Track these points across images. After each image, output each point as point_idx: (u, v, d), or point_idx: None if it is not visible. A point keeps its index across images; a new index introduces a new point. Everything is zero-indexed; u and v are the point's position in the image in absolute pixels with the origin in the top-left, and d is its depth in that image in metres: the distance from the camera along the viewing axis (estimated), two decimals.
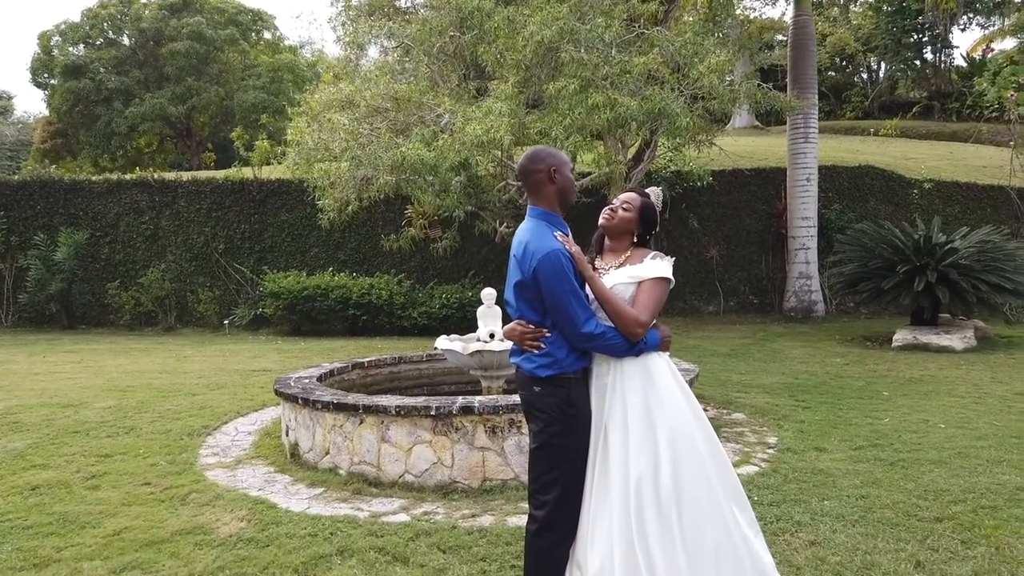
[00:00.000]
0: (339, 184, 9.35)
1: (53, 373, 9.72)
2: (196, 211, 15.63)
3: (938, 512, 4.33)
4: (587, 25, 8.25)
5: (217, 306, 15.29)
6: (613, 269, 3.16)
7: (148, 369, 10.05)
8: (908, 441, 5.84)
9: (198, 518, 4.40)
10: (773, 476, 5.02)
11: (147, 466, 5.47)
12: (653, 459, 3.00)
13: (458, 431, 4.86)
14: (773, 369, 9.38)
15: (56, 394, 8.13)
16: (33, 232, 15.46)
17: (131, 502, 4.70)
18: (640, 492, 2.99)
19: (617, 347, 3.07)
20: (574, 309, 3.02)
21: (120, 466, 5.47)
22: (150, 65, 30.34)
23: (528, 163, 3.14)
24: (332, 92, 9.49)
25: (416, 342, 11.93)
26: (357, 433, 5.07)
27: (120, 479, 5.17)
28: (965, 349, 10.27)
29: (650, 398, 3.08)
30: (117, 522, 4.35)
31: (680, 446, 3.02)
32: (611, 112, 7.79)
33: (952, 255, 10.61)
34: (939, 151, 20.91)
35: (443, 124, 8.78)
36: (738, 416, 6.87)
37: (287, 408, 5.69)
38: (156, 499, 4.75)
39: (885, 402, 7.34)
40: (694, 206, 14.81)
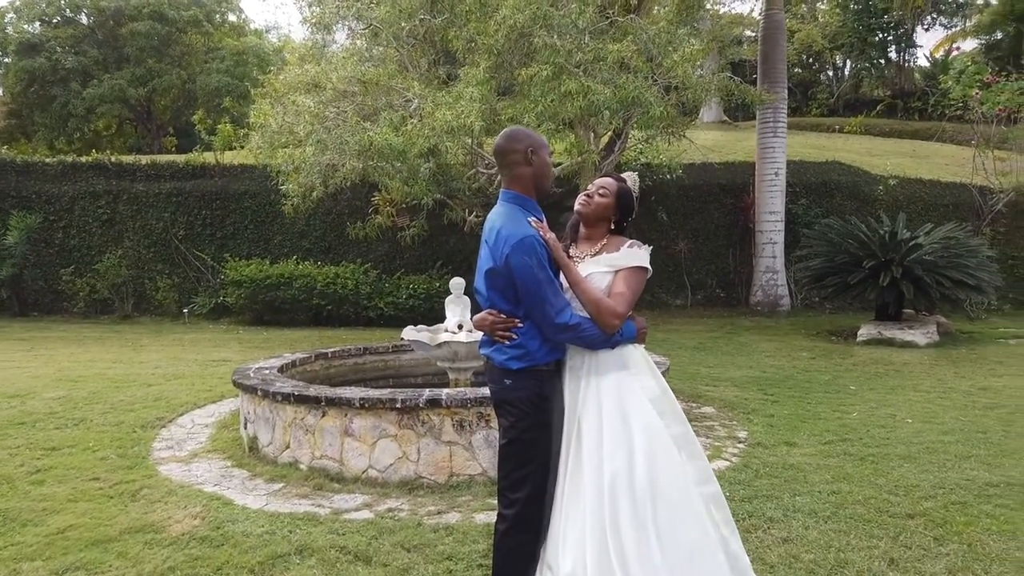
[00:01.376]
0: (303, 169, 9.09)
1: (0, 362, 9.33)
2: (155, 196, 15.16)
3: (909, 508, 4.30)
4: (561, 11, 8.10)
5: (176, 294, 14.87)
6: (588, 257, 3.04)
7: (102, 358, 9.70)
8: (877, 436, 5.83)
9: (149, 515, 4.18)
10: (744, 471, 4.96)
11: (96, 460, 5.22)
12: (628, 456, 2.89)
13: (424, 424, 4.70)
14: (741, 363, 9.37)
15: (2, 384, 7.78)
16: None
17: (78, 498, 4.47)
18: (614, 490, 2.88)
19: (592, 339, 2.95)
20: (548, 298, 2.89)
21: (67, 460, 5.21)
22: (109, 45, 29.41)
23: (505, 142, 2.99)
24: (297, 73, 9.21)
25: (382, 333, 11.70)
26: (319, 426, 4.89)
27: (67, 473, 4.92)
28: (928, 344, 10.38)
29: (624, 392, 2.97)
30: (62, 519, 4.12)
31: (656, 442, 2.92)
32: (584, 100, 7.66)
33: (917, 251, 10.71)
34: (902, 148, 21.20)
35: (412, 109, 8.57)
36: (707, 410, 6.82)
37: (246, 400, 5.48)
38: (104, 495, 4.52)
39: (852, 396, 7.36)
40: (663, 199, 14.77)
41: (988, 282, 10.99)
